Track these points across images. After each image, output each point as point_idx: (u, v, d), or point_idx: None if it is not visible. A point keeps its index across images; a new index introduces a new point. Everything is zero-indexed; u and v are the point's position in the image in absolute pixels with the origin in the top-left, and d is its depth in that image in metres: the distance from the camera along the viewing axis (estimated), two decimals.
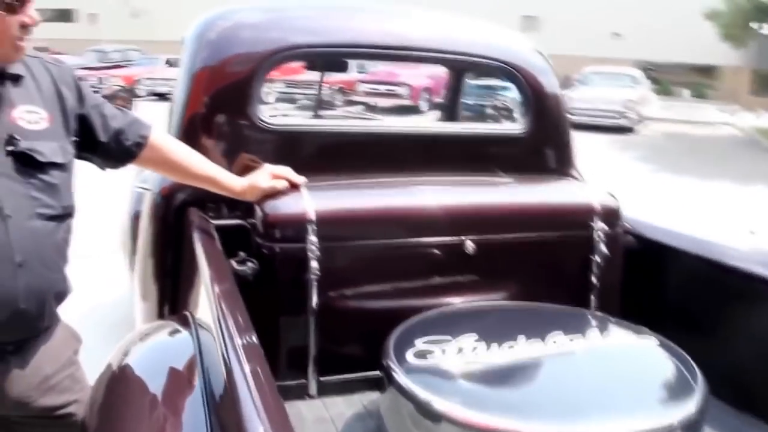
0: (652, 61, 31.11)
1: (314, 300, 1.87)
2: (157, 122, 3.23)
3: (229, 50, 2.23)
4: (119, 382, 1.55)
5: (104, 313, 4.10)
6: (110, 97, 3.52)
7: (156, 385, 1.48)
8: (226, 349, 1.16)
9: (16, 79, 1.46)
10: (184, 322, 1.67)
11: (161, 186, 2.21)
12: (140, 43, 28.98)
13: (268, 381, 1.07)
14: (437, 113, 4.22)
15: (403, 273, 2.03)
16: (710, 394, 1.72)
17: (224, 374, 1.12)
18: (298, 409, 1.87)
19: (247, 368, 1.09)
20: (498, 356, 1.58)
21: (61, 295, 1.54)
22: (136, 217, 3.42)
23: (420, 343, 1.62)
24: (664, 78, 32.06)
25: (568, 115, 2.72)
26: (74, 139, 1.56)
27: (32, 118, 1.45)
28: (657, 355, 1.67)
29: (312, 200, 1.91)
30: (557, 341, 1.66)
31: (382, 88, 19.68)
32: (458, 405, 1.40)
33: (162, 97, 18.66)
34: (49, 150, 1.45)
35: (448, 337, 1.65)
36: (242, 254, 1.94)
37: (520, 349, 1.61)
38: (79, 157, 1.64)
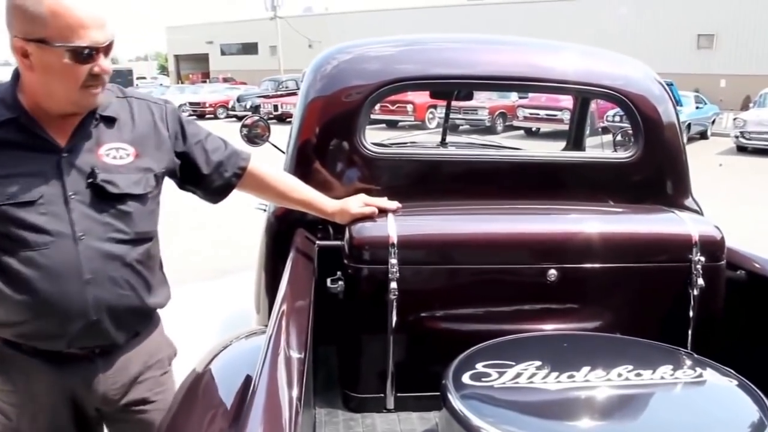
0: None
1: (393, 319, 1.96)
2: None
3: (341, 82, 2.40)
4: (197, 381, 1.75)
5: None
6: (250, 126, 3.81)
7: (226, 386, 1.65)
8: (265, 358, 1.27)
9: (110, 120, 1.66)
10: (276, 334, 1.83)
11: (276, 206, 2.42)
12: None
13: (290, 392, 1.17)
14: (599, 138, 4.19)
15: (480, 298, 2.06)
16: None
17: (253, 379, 1.23)
18: (373, 420, 1.96)
19: (278, 383, 1.20)
20: (554, 385, 1.58)
21: (138, 310, 1.70)
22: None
23: (480, 366, 1.66)
24: None
25: (684, 144, 2.63)
26: (163, 171, 1.74)
27: (118, 154, 1.64)
28: (729, 394, 1.59)
29: (395, 225, 2.01)
30: (623, 374, 1.63)
31: (543, 113, 19.42)
32: (497, 427, 1.42)
33: None
34: (125, 182, 1.63)
35: (511, 363, 1.67)
36: (339, 273, 2.07)
37: (580, 379, 1.60)
38: (184, 188, 1.88)
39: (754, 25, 27.33)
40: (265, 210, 2.76)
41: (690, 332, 2.09)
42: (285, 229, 2.37)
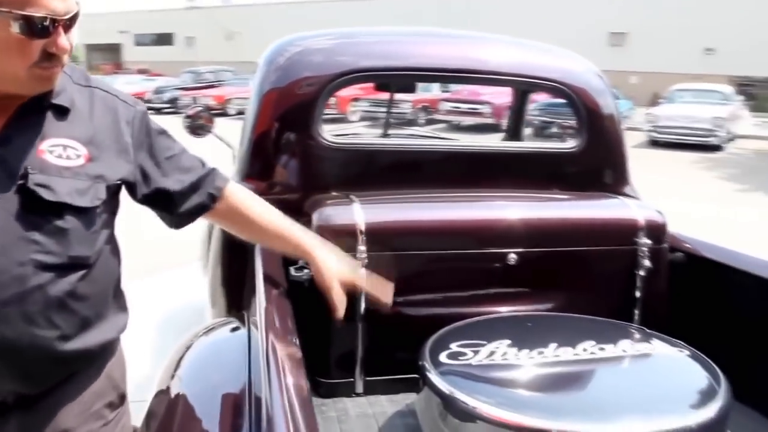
0: (748, 76, 29.91)
1: (362, 305, 2.01)
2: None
3: (296, 73, 2.42)
4: (178, 373, 1.74)
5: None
6: (194, 117, 3.77)
7: (209, 375, 1.66)
8: (267, 347, 1.31)
9: (62, 110, 1.31)
10: (242, 321, 1.85)
11: None
12: (233, 63, 30.18)
13: (298, 379, 1.20)
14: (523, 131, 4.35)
15: (447, 282, 2.14)
16: (746, 405, 1.77)
17: (262, 369, 1.26)
18: (344, 405, 2.01)
19: (280, 366, 1.22)
20: (527, 360, 1.68)
21: (60, 355, 1.28)
22: (211, 227, 3.69)
23: (454, 346, 1.74)
24: (761, 93, 30.76)
25: (623, 134, 2.78)
26: (118, 182, 1.38)
27: (65, 153, 1.28)
28: (684, 364, 1.73)
29: (362, 212, 2.06)
30: (587, 349, 1.74)
31: (465, 106, 19.80)
32: (485, 403, 1.50)
33: None
34: (66, 189, 1.25)
35: (483, 342, 1.76)
36: (301, 261, 2.10)
37: (550, 355, 1.71)
38: (149, 206, 1.52)
39: (664, 24, 28.67)
40: None
41: (637, 311, 2.23)
42: None
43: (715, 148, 16.62)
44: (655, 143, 16.87)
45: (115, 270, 1.43)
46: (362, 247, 2.00)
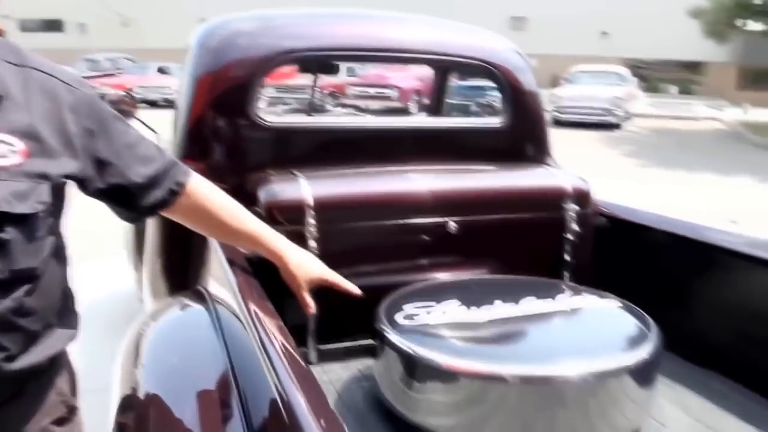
0: (641, 59, 31.45)
1: None
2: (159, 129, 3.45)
3: (229, 56, 2.44)
4: (139, 371, 1.64)
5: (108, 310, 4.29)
6: (116, 102, 3.70)
7: (178, 359, 1.62)
8: (252, 321, 1.32)
9: None
10: (199, 297, 1.87)
11: None
12: (130, 51, 29.14)
13: (293, 347, 1.24)
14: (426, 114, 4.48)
15: (393, 251, 2.24)
16: (673, 353, 1.95)
17: (253, 344, 1.26)
18: None
19: (272, 337, 1.25)
20: (476, 316, 1.80)
21: (3, 377, 1.16)
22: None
23: (408, 308, 1.83)
24: (652, 75, 32.43)
25: (544, 110, 2.95)
26: (63, 179, 1.19)
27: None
28: (617, 314, 1.89)
29: (309, 187, 2.12)
30: (529, 304, 1.88)
31: (372, 90, 19.94)
32: (442, 355, 1.61)
33: (154, 104, 18.85)
34: (0, 194, 1.07)
35: (433, 303, 1.86)
36: None
37: (497, 310, 1.83)
38: (102, 200, 1.35)
39: (561, 8, 29.73)
40: None
41: (567, 272, 2.39)
42: None
43: (614, 126, 17.45)
44: (558, 122, 17.55)
45: (63, 275, 1.29)
46: (311, 221, 2.07)
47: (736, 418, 1.82)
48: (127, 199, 1.35)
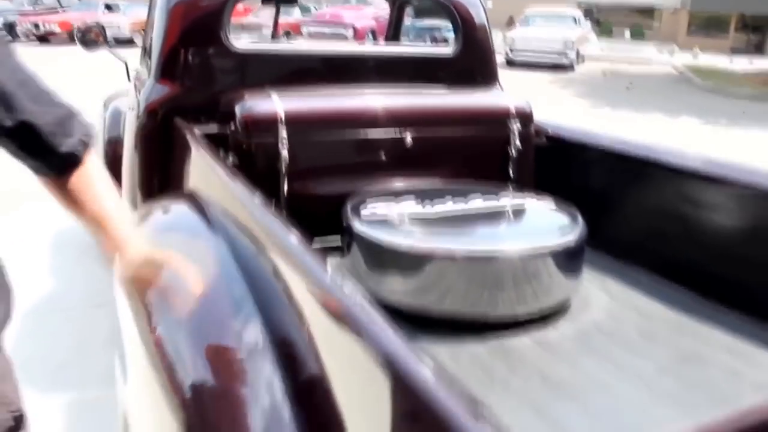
0: (594, 3, 31.73)
1: (285, 183, 2.33)
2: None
3: None
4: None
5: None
6: (84, 32, 3.80)
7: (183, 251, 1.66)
8: (252, 217, 1.50)
9: None
10: (190, 199, 2.08)
11: (146, 103, 2.63)
12: None
13: (297, 237, 1.35)
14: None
15: (356, 161, 2.50)
16: (601, 251, 2.27)
17: (267, 233, 1.42)
18: None
19: (283, 225, 1.39)
20: (431, 211, 2.09)
21: None
22: (110, 143, 3.83)
23: (371, 206, 2.11)
24: (605, 19, 32.78)
25: (493, 42, 3.21)
26: None
27: None
28: (551, 209, 2.21)
29: (281, 102, 2.36)
30: (477, 202, 2.18)
31: (327, 30, 19.89)
32: (403, 239, 1.90)
33: None
34: None
35: (393, 202, 2.14)
36: (221, 152, 2.38)
37: (448, 207, 2.13)
38: (4, 146, 1.19)
39: None
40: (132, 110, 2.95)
41: (510, 184, 2.69)
42: (159, 122, 2.60)
43: (566, 68, 17.79)
44: (511, 63, 17.81)
45: None
46: (283, 132, 2.31)
47: (651, 298, 2.15)
48: (39, 147, 1.19)
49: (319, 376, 1.15)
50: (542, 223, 2.16)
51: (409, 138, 2.50)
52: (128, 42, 17.37)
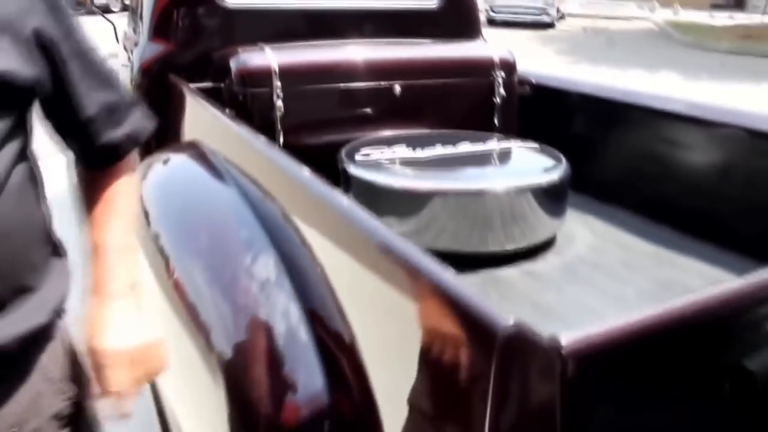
0: None
1: (280, 132, 2.42)
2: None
3: None
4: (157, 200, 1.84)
5: None
6: None
7: (198, 197, 1.79)
8: (270, 151, 1.59)
9: None
10: (192, 148, 2.16)
11: (141, 62, 2.71)
12: None
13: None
14: None
15: (347, 111, 2.59)
16: (584, 193, 2.39)
17: (277, 169, 1.50)
18: None
19: (293, 160, 1.47)
20: (422, 154, 2.19)
21: None
22: None
23: (365, 151, 2.21)
24: None
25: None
26: (31, 82, 0.93)
27: None
28: (536, 151, 2.32)
29: (274, 56, 2.44)
30: (465, 147, 2.28)
31: None
32: (396, 179, 2.01)
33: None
34: None
35: (385, 147, 2.24)
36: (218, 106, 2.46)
37: (438, 151, 2.23)
38: (49, 119, 1.05)
39: None
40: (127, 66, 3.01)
41: (495, 132, 2.79)
42: (154, 79, 2.67)
43: (547, 26, 17.81)
44: (492, 22, 17.80)
45: (37, 210, 0.99)
46: (277, 83, 2.39)
47: (632, 234, 2.27)
48: (77, 129, 1.05)
49: (333, 302, 1.24)
50: (528, 164, 2.27)
51: (398, 89, 2.59)
52: (105, 11, 17.12)
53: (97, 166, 1.10)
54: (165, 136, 2.61)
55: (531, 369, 0.75)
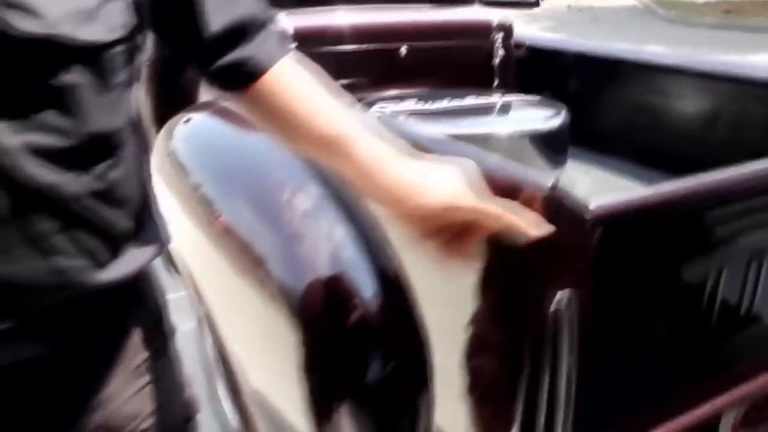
0: None
1: None
2: None
3: None
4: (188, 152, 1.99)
5: None
6: None
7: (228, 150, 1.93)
8: None
9: None
10: (211, 105, 2.30)
11: None
12: None
13: None
14: None
15: (359, 70, 2.74)
16: (583, 146, 2.56)
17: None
18: None
19: None
20: (431, 107, 2.37)
21: (86, 298, 0.83)
22: None
23: (377, 106, 2.37)
24: None
25: None
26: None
27: None
28: (538, 102, 2.51)
29: (289, 20, 2.58)
30: (471, 100, 2.46)
31: None
32: (410, 127, 2.16)
33: None
34: (59, 11, 0.71)
35: (396, 102, 2.41)
36: None
37: (446, 104, 2.41)
38: (157, 32, 0.92)
39: None
40: None
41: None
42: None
43: (532, 4, 17.87)
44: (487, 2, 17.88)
45: (142, 161, 0.93)
46: (292, 46, 2.53)
47: (629, 179, 2.44)
48: (197, 48, 0.94)
49: (374, 221, 1.36)
50: (530, 112, 2.45)
51: (404, 50, 2.74)
52: None
53: (234, 87, 0.99)
54: (178, 105, 2.76)
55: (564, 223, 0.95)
